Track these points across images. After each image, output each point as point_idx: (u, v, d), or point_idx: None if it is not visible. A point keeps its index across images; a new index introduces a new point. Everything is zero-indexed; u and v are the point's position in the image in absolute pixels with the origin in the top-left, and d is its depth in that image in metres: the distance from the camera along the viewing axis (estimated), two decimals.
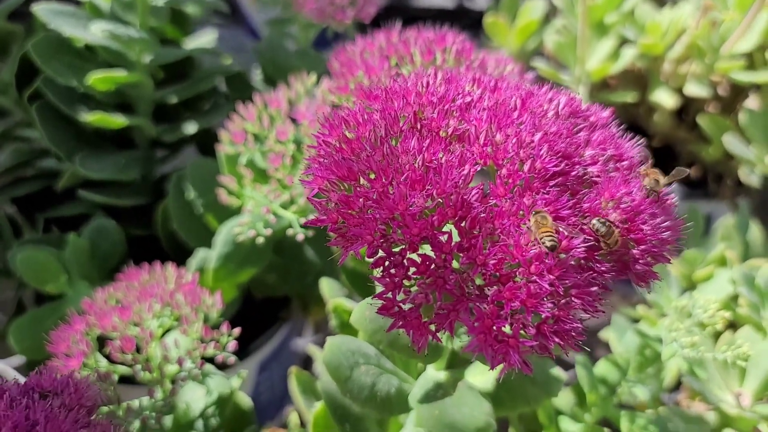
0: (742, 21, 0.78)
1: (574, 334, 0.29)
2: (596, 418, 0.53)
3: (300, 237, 0.50)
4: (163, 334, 0.46)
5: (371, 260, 0.54)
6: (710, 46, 0.79)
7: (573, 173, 0.32)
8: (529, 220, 0.29)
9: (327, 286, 0.57)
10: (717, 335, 0.63)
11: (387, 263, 0.30)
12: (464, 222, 0.29)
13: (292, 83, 0.54)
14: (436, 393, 0.39)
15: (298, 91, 0.53)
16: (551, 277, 0.28)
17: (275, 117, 0.52)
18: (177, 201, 0.62)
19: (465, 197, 0.29)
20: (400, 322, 0.30)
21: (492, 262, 0.29)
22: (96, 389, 0.34)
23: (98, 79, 0.59)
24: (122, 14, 0.62)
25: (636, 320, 0.68)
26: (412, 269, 0.29)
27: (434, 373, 0.43)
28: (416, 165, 0.31)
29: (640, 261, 0.32)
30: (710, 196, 0.91)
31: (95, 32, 0.57)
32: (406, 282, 0.30)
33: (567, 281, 0.29)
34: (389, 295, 0.30)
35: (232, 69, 0.68)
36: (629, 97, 0.84)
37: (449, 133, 0.33)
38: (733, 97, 0.89)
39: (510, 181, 0.31)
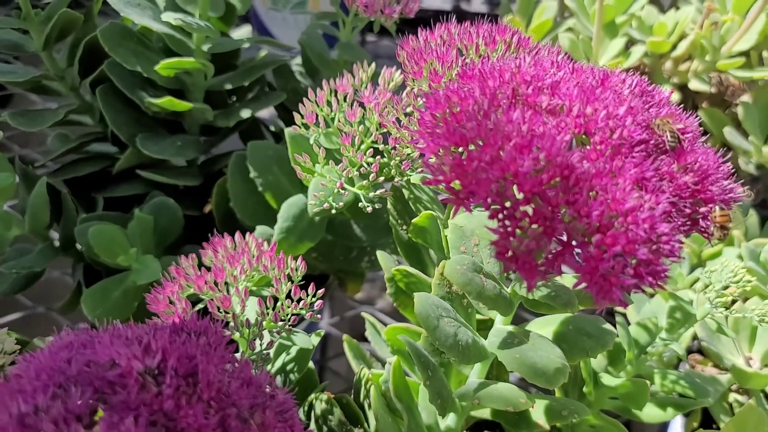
0: (741, 22, 0.85)
1: (662, 275, 0.34)
2: (631, 376, 0.59)
3: (369, 209, 0.55)
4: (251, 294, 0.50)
5: (427, 235, 0.59)
6: (712, 45, 0.86)
7: (652, 142, 0.38)
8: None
9: (382, 258, 0.62)
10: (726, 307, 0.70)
11: (501, 216, 0.35)
12: (569, 180, 0.34)
13: (356, 71, 0.58)
14: (513, 341, 0.44)
15: (361, 78, 0.58)
16: (645, 226, 0.34)
17: (341, 102, 0.57)
18: (235, 180, 0.66)
19: (568, 160, 0.35)
20: (513, 266, 0.35)
21: (595, 213, 0.34)
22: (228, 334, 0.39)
23: (167, 64, 0.63)
24: (183, 5, 0.66)
25: (651, 295, 0.75)
26: (525, 221, 0.34)
27: (503, 327, 0.48)
28: (523, 132, 0.36)
29: (708, 217, 0.38)
30: None
31: (168, 20, 0.61)
32: (518, 231, 0.35)
33: (657, 230, 0.34)
34: (503, 242, 0.35)
35: (281, 60, 0.73)
36: None
37: (543, 108, 0.38)
38: (729, 93, 0.96)
39: (602, 147, 0.36)
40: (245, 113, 0.70)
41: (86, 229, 0.63)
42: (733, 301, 0.69)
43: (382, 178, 0.55)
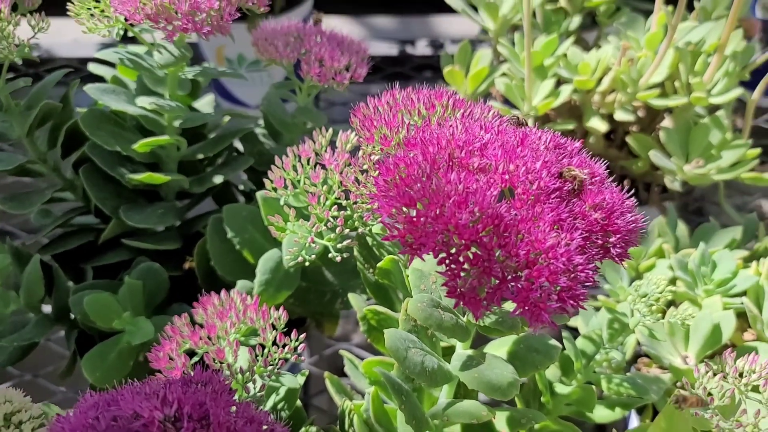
0: (653, 57, 0.95)
1: (581, 297, 0.42)
2: (581, 383, 0.66)
3: (338, 258, 0.62)
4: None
5: (391, 276, 0.66)
6: (631, 79, 0.96)
7: (565, 188, 0.46)
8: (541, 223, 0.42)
9: (353, 299, 0.69)
10: (663, 313, 0.78)
11: (448, 261, 0.42)
12: (500, 227, 0.42)
13: (316, 137, 0.66)
14: (471, 363, 0.52)
15: (321, 143, 0.65)
16: (563, 259, 0.41)
17: (305, 165, 0.64)
18: (214, 241, 0.73)
19: (497, 210, 0.43)
20: (461, 301, 0.42)
21: (522, 252, 0.42)
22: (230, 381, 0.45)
23: (145, 144, 0.70)
24: (153, 87, 0.74)
25: (597, 308, 0.83)
26: (467, 264, 0.42)
27: (463, 351, 0.55)
28: (459, 191, 0.43)
29: (617, 246, 0.46)
30: (641, 203, 1.08)
31: (144, 105, 0.68)
32: (462, 273, 0.42)
33: (573, 261, 0.42)
34: (451, 283, 0.42)
35: (246, 128, 0.80)
36: (570, 125, 1.00)
37: (475, 168, 0.46)
38: (650, 119, 1.07)
39: (524, 197, 0.44)
40: (218, 179, 0.77)
41: (81, 299, 0.69)
42: (669, 305, 0.77)
43: (347, 230, 0.63)
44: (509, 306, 0.54)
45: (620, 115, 0.98)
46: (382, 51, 1.70)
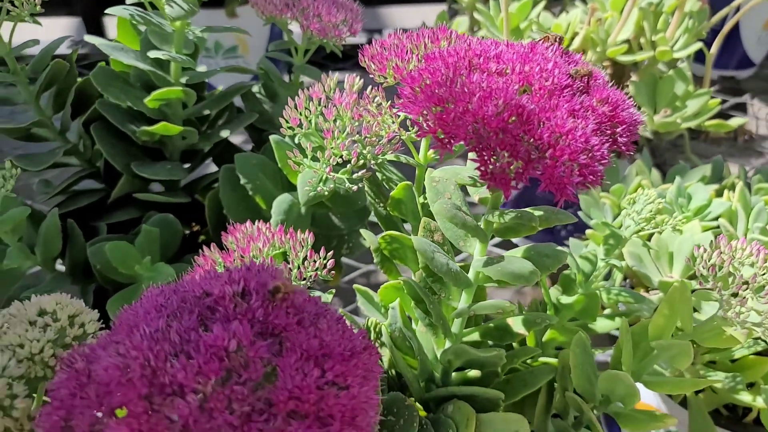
0: (619, 17, 1.02)
1: (599, 174, 0.47)
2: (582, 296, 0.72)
3: (354, 188, 0.66)
4: None
5: (403, 206, 0.70)
6: (600, 38, 1.02)
7: (575, 86, 0.51)
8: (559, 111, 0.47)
9: (366, 234, 0.73)
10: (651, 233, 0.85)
11: (479, 148, 0.47)
12: (523, 116, 0.47)
13: (324, 80, 0.70)
14: (492, 261, 0.56)
15: (329, 85, 0.69)
16: (582, 140, 0.46)
17: (317, 105, 0.68)
18: (226, 189, 0.76)
19: (520, 101, 0.47)
20: (493, 183, 0.47)
21: (546, 135, 0.46)
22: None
23: (157, 95, 0.73)
24: (159, 45, 0.77)
25: (586, 246, 0.88)
26: (496, 149, 0.47)
27: (481, 257, 0.60)
28: (483, 87, 0.48)
29: (623, 135, 0.51)
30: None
31: (158, 56, 0.71)
32: (493, 157, 0.47)
33: (590, 142, 0.47)
34: (482, 168, 0.47)
35: (248, 85, 0.84)
36: None
37: (493, 72, 0.51)
38: (618, 77, 1.14)
39: (541, 91, 0.49)
40: (224, 133, 0.80)
41: (100, 249, 0.71)
42: (650, 237, 0.83)
43: (362, 161, 0.67)
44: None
45: None
46: (351, 39, 1.74)
